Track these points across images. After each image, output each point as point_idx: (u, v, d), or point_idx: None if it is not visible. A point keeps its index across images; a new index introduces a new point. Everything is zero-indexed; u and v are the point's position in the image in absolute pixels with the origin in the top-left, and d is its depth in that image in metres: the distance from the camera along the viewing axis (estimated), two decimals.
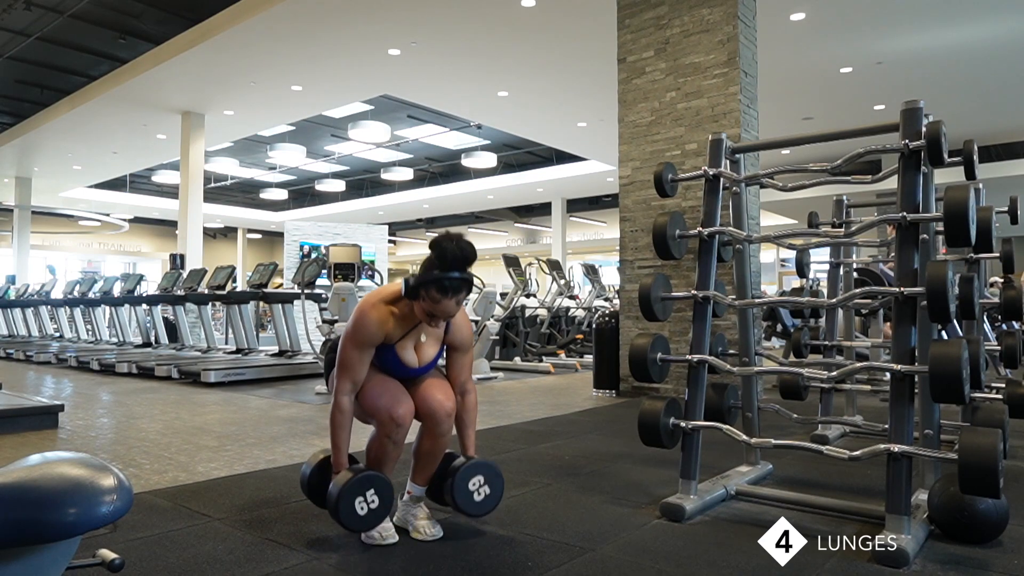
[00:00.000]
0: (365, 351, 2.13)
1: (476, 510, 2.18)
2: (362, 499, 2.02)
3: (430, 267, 2.03)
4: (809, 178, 2.77)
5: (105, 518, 0.84)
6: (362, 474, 2.06)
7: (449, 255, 2.01)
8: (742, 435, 2.49)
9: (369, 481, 2.05)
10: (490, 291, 7.39)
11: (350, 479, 2.03)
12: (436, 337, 2.23)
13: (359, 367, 2.13)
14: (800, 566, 1.94)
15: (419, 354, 2.21)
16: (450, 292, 2.01)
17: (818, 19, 7.72)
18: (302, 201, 22.81)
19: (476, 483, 2.17)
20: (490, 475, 2.20)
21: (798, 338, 3.86)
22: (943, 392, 1.99)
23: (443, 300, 2.02)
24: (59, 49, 10.65)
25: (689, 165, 5.53)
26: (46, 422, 4.14)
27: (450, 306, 2.04)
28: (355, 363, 2.12)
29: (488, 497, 2.19)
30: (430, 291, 2.01)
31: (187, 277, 8.88)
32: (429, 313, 2.06)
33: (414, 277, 2.05)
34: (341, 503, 2.00)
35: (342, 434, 2.13)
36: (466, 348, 2.29)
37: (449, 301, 2.03)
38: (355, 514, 2.02)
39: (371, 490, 2.04)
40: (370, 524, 2.05)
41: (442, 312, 2.05)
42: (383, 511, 2.07)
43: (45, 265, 20.04)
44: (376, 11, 7.80)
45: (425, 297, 2.03)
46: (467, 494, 2.15)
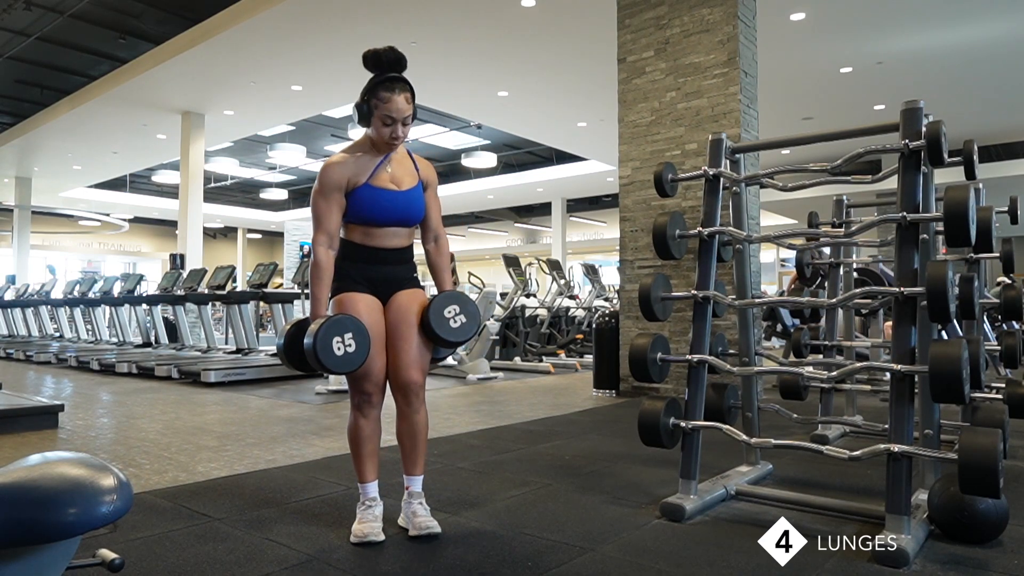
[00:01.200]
0: (332, 196, 2.17)
1: (456, 336, 2.19)
2: (339, 339, 2.03)
3: (370, 81, 2.14)
4: (809, 178, 2.77)
5: (105, 518, 0.84)
6: (340, 316, 2.08)
7: (384, 57, 2.13)
8: (742, 435, 2.49)
9: (346, 323, 2.06)
10: (490, 291, 7.39)
11: (328, 318, 2.05)
12: (409, 172, 2.27)
13: (329, 215, 2.18)
14: (800, 566, 1.94)
15: (396, 183, 2.24)
16: (396, 88, 2.11)
17: (818, 19, 7.72)
18: (302, 201, 22.80)
19: (452, 311, 2.19)
20: (464, 304, 2.22)
21: (798, 338, 3.87)
22: (943, 392, 1.99)
23: (392, 97, 2.10)
24: (59, 49, 10.65)
25: (689, 165, 5.53)
26: (46, 422, 4.14)
27: (400, 102, 2.12)
28: (325, 211, 2.18)
29: (465, 324, 2.20)
30: (378, 94, 2.11)
31: (187, 277, 8.88)
32: (385, 120, 2.12)
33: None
34: (319, 341, 2.00)
35: (321, 287, 2.17)
36: (435, 187, 2.37)
37: (398, 97, 2.11)
38: (332, 353, 2.01)
39: (348, 333, 2.04)
40: (348, 364, 2.04)
41: (395, 110, 2.12)
42: (361, 353, 2.05)
43: (45, 265, 20.05)
44: (376, 11, 7.80)
45: (376, 104, 2.11)
46: (444, 319, 2.18)
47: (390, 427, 2.48)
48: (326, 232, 2.18)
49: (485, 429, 4.11)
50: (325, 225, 2.18)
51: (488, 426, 4.21)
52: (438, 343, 2.23)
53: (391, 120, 2.12)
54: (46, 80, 12.02)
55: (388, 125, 2.13)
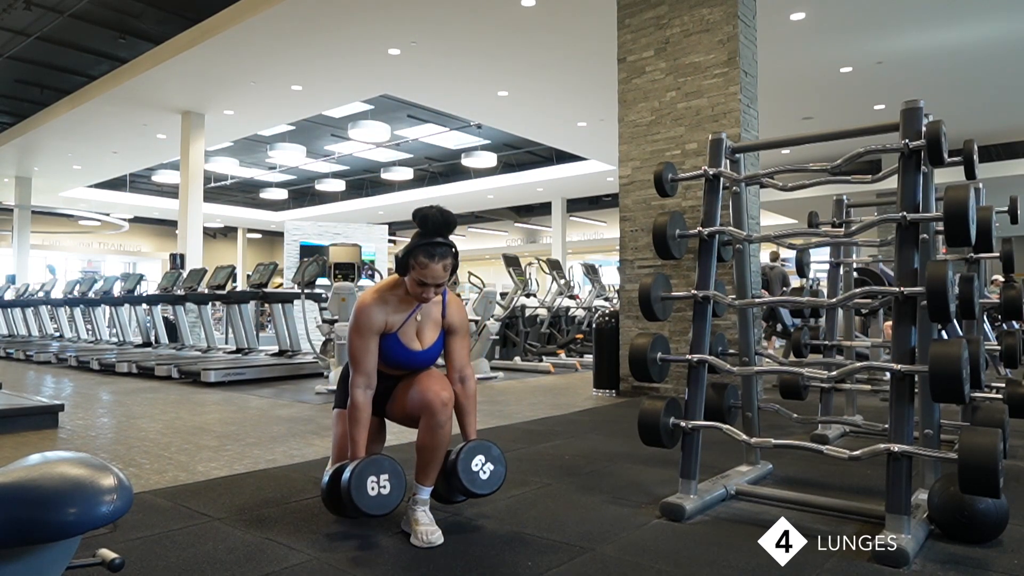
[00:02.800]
0: (370, 339, 2.22)
1: (484, 488, 2.21)
2: (374, 479, 2.05)
3: (415, 238, 2.17)
4: (809, 178, 2.77)
5: (105, 518, 0.84)
6: (376, 456, 2.11)
7: (431, 221, 2.14)
8: (742, 435, 2.49)
9: (382, 464, 2.08)
10: (490, 291, 7.39)
11: (363, 459, 2.08)
12: (434, 321, 2.32)
13: (367, 356, 2.22)
14: (800, 566, 1.94)
15: (421, 338, 2.29)
16: (436, 256, 2.13)
17: (818, 19, 7.72)
18: (302, 201, 22.82)
19: (479, 462, 2.20)
20: (490, 454, 2.23)
21: (798, 338, 3.86)
22: (943, 392, 1.99)
23: (430, 264, 2.13)
24: (59, 49, 10.65)
25: (689, 165, 5.53)
26: (46, 422, 4.14)
27: (437, 270, 2.14)
28: (363, 353, 2.22)
29: (494, 474, 2.22)
30: (417, 258, 2.13)
31: (187, 277, 8.88)
32: (419, 282, 2.16)
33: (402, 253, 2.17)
34: (353, 481, 2.03)
35: (360, 431, 2.20)
36: (463, 331, 2.38)
37: (436, 265, 2.14)
38: (366, 493, 2.03)
39: (385, 474, 2.07)
40: (381, 507, 2.06)
41: (431, 277, 2.14)
42: (395, 497, 2.08)
43: (45, 265, 20.04)
44: (376, 11, 7.80)
45: (414, 265, 2.15)
46: (472, 474, 2.18)
47: (392, 427, 2.48)
48: (364, 373, 2.22)
49: (485, 429, 4.11)
50: (363, 366, 2.22)
51: (488, 426, 4.21)
52: (466, 495, 2.25)
53: (424, 284, 2.16)
54: (46, 80, 12.02)
55: (421, 286, 2.17)
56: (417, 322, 2.29)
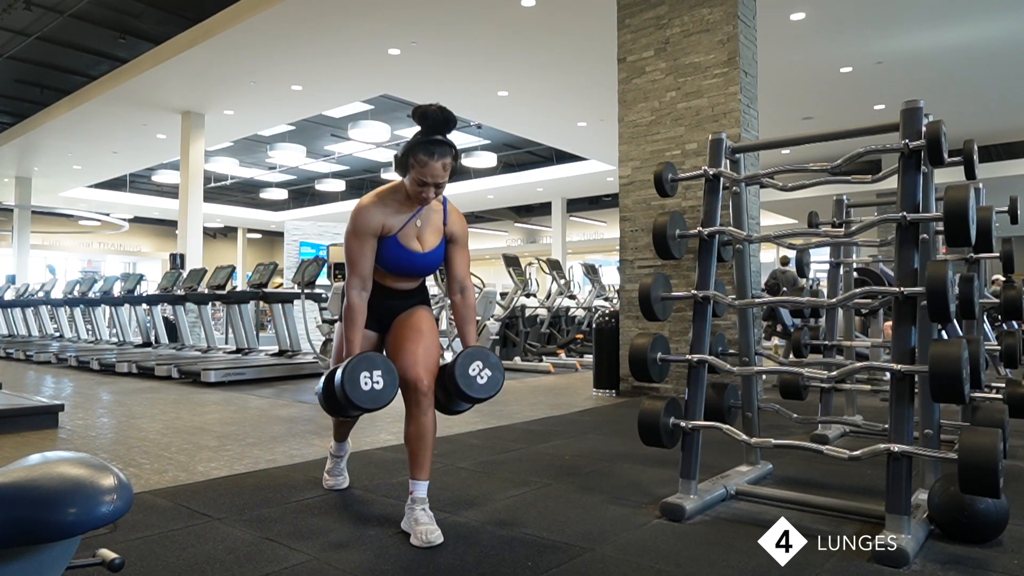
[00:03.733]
0: (366, 240, 2.21)
1: (482, 392, 2.19)
2: (367, 374, 2.05)
3: (415, 136, 2.13)
4: (809, 178, 2.77)
5: (105, 518, 0.84)
6: (371, 353, 2.11)
7: (431, 117, 2.10)
8: (742, 435, 2.49)
9: (374, 360, 2.09)
10: (490, 291, 7.39)
11: (357, 355, 2.09)
12: (435, 227, 2.31)
13: (363, 258, 2.21)
14: (800, 566, 1.94)
15: (421, 242, 2.28)
16: (435, 154, 2.10)
17: (818, 19, 7.72)
18: (302, 201, 22.81)
19: (476, 368, 2.19)
20: (488, 360, 2.22)
21: (798, 338, 3.86)
22: (943, 392, 1.99)
23: (429, 162, 2.09)
24: (59, 49, 10.65)
25: (689, 165, 5.53)
26: (46, 422, 4.13)
27: (436, 168, 2.11)
28: (358, 254, 2.21)
29: (491, 380, 2.20)
30: (417, 155, 2.10)
31: (187, 277, 8.88)
32: (419, 181, 2.13)
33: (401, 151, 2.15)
34: (347, 375, 2.03)
35: (355, 331, 2.22)
36: (464, 241, 2.38)
37: (435, 163, 2.10)
38: (359, 387, 2.03)
39: (378, 370, 2.07)
40: (373, 401, 2.06)
41: (430, 175, 2.11)
42: (388, 392, 2.08)
43: (45, 265, 20.04)
44: (376, 11, 7.80)
45: (413, 164, 2.11)
46: (470, 378, 2.18)
47: (393, 427, 2.48)
48: (359, 275, 2.22)
49: (485, 429, 4.11)
50: (359, 268, 2.22)
51: (488, 426, 4.21)
52: (465, 400, 2.25)
53: (424, 183, 2.14)
54: (46, 80, 12.02)
55: (421, 186, 2.14)
56: (417, 227, 2.27)
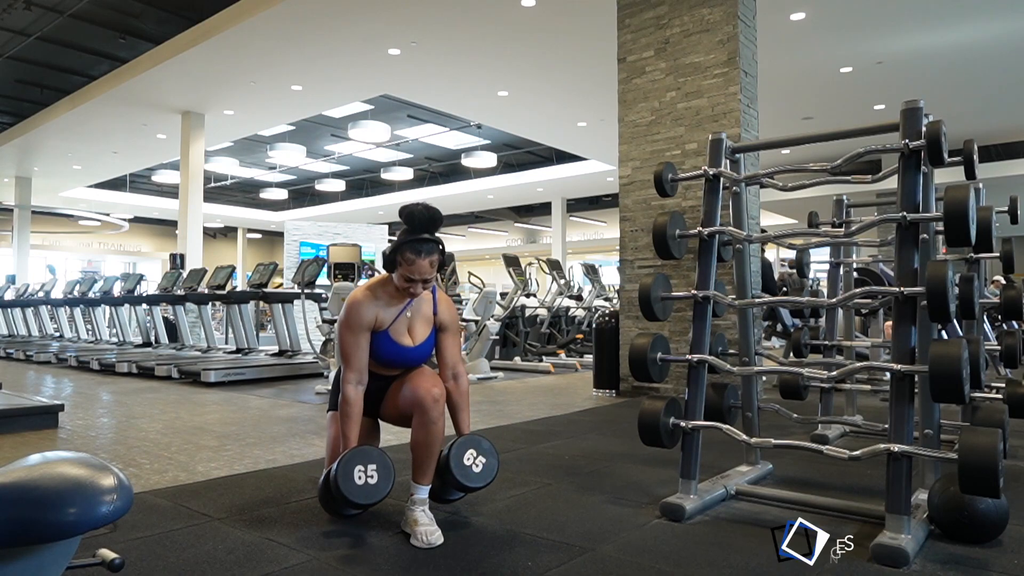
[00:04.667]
0: (360, 335, 2.24)
1: (477, 481, 2.21)
2: (361, 468, 2.07)
3: (402, 234, 2.20)
4: (809, 178, 2.77)
5: (105, 518, 0.84)
6: (365, 447, 2.14)
7: (417, 217, 2.18)
8: (742, 435, 2.49)
9: (370, 455, 2.11)
10: (490, 291, 7.39)
11: (353, 450, 2.11)
12: (425, 318, 2.34)
13: (358, 352, 2.24)
14: (800, 566, 1.94)
15: (412, 335, 2.32)
16: (422, 253, 2.16)
17: (818, 19, 7.72)
18: (302, 201, 22.81)
19: (470, 456, 2.21)
20: (481, 447, 2.24)
21: (798, 338, 3.86)
22: (943, 392, 1.99)
23: (416, 260, 2.15)
24: (59, 49, 10.65)
25: (689, 165, 5.53)
26: (46, 422, 4.14)
27: (423, 266, 2.16)
28: (354, 348, 2.24)
29: (486, 467, 2.22)
30: (404, 254, 2.16)
31: (187, 277, 8.87)
32: (407, 278, 2.18)
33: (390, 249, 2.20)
34: (340, 470, 2.05)
35: (351, 425, 2.22)
36: (454, 329, 2.41)
37: (422, 261, 2.16)
38: (353, 482, 2.05)
39: (372, 464, 2.09)
40: (367, 496, 2.08)
41: (417, 273, 2.16)
42: (382, 487, 2.10)
43: (45, 265, 20.04)
44: (376, 11, 7.79)
45: (401, 262, 2.18)
46: (465, 468, 2.19)
47: (392, 427, 2.48)
48: (356, 370, 2.25)
49: (485, 429, 4.11)
50: (354, 363, 2.25)
51: (488, 426, 4.21)
52: (460, 489, 2.27)
53: (411, 280, 2.18)
54: (46, 80, 12.01)
55: (408, 282, 2.19)
56: (408, 319, 2.31)
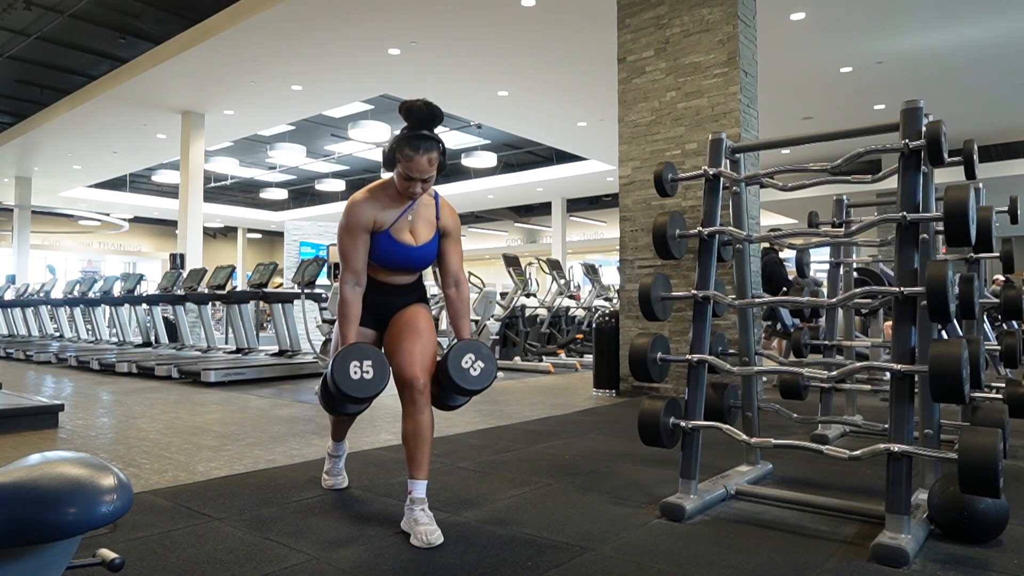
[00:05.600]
0: (358, 236, 2.24)
1: (476, 384, 2.21)
2: (357, 364, 2.08)
3: (401, 131, 2.17)
4: (809, 178, 2.77)
5: (105, 518, 0.84)
6: (361, 344, 2.15)
7: (416, 113, 2.14)
8: (742, 435, 2.49)
9: (365, 351, 2.11)
10: (490, 291, 7.39)
11: (348, 346, 2.12)
12: (428, 221, 2.34)
13: (356, 253, 2.24)
14: (800, 566, 1.94)
15: (414, 236, 2.31)
16: (420, 149, 2.12)
17: (818, 19, 7.72)
18: (302, 201, 22.82)
19: (468, 360, 2.21)
20: (480, 352, 2.24)
21: (798, 338, 3.86)
22: (943, 392, 1.99)
23: (415, 157, 2.12)
24: (59, 49, 10.65)
25: (689, 165, 5.53)
26: (46, 422, 4.14)
27: (422, 163, 2.14)
28: (351, 249, 2.24)
29: (484, 371, 2.22)
30: (403, 150, 2.13)
31: (187, 277, 8.88)
32: (406, 176, 2.16)
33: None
34: (336, 364, 2.06)
35: (348, 326, 2.24)
36: (456, 235, 2.42)
37: (421, 158, 2.13)
38: (348, 376, 2.06)
39: (368, 360, 2.10)
40: (361, 390, 2.08)
41: (416, 170, 2.14)
42: (377, 383, 2.10)
43: (45, 265, 20.05)
44: (376, 11, 7.80)
45: (399, 159, 2.14)
46: (463, 371, 2.19)
47: (392, 427, 2.48)
48: (353, 270, 2.25)
49: (485, 429, 4.11)
50: (352, 263, 2.25)
51: (488, 426, 4.21)
52: (460, 392, 2.26)
53: (411, 178, 2.16)
54: (46, 80, 12.02)
55: (407, 180, 2.18)
56: (409, 221, 2.30)
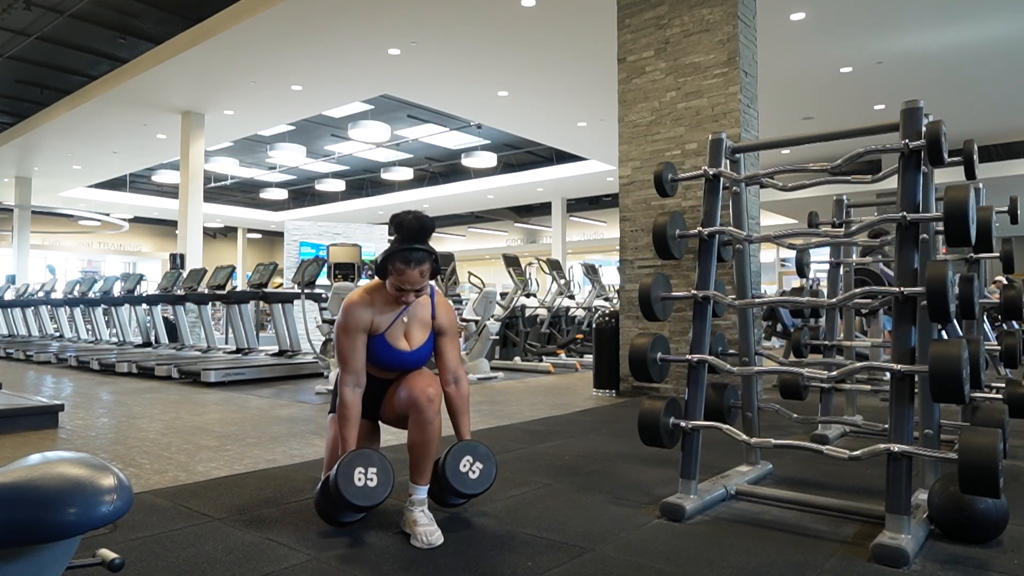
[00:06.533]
0: (357, 337, 2.24)
1: (475, 488, 2.21)
2: (361, 471, 2.06)
3: (394, 242, 2.20)
4: (809, 178, 2.77)
5: (105, 518, 0.84)
6: (365, 449, 2.13)
7: (406, 227, 2.17)
8: (742, 435, 2.49)
9: (371, 457, 2.10)
10: (490, 291, 7.39)
11: (353, 452, 2.11)
12: (423, 322, 2.34)
13: (355, 354, 2.24)
14: (800, 566, 1.94)
15: (409, 339, 2.32)
16: (412, 262, 2.16)
17: (818, 19, 7.72)
18: (302, 201, 22.82)
19: (467, 463, 2.21)
20: (477, 453, 2.24)
21: (798, 338, 3.86)
22: (943, 392, 1.99)
23: (406, 270, 2.15)
24: (59, 49, 10.65)
25: (689, 165, 5.53)
26: (46, 422, 4.14)
27: (414, 276, 2.16)
28: (350, 351, 2.24)
29: (483, 473, 2.22)
30: (395, 263, 2.16)
31: (187, 277, 8.87)
32: (398, 287, 2.18)
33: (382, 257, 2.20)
34: (341, 471, 2.04)
35: (349, 428, 2.22)
36: (452, 332, 2.41)
37: (412, 271, 2.16)
38: (352, 483, 2.05)
39: (373, 467, 2.08)
40: (366, 498, 2.07)
41: (407, 282, 2.17)
42: (381, 491, 2.08)
43: (45, 265, 20.04)
44: (376, 11, 7.80)
45: (392, 271, 2.18)
46: (461, 475, 2.19)
47: (393, 427, 2.48)
48: (353, 372, 2.25)
49: (485, 429, 4.11)
50: (351, 365, 2.25)
51: (488, 426, 4.21)
52: (457, 496, 2.27)
53: (402, 289, 2.18)
54: (46, 80, 12.02)
55: (400, 291, 2.19)
56: (404, 323, 2.31)
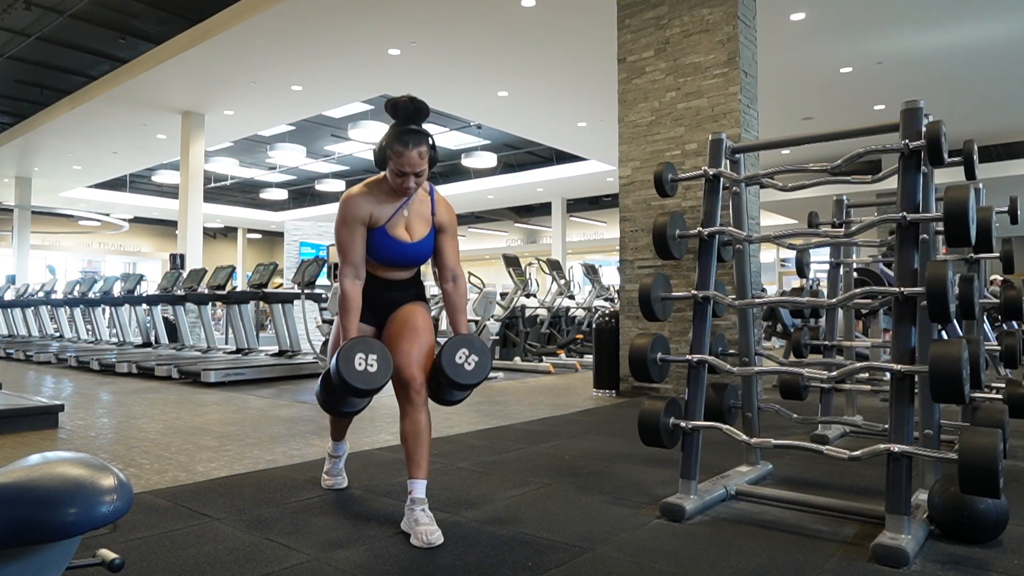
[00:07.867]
0: (355, 229, 2.25)
1: (470, 379, 2.21)
2: (362, 356, 2.08)
3: (390, 129, 2.19)
4: (809, 178, 2.77)
5: (105, 518, 0.84)
6: (368, 338, 2.15)
7: (402, 108, 2.17)
8: (742, 435, 2.49)
9: (371, 345, 2.12)
10: (490, 291, 7.39)
11: (354, 339, 2.12)
12: (423, 217, 2.34)
13: (354, 246, 2.26)
14: (800, 566, 1.94)
15: (410, 232, 2.32)
16: (410, 143, 2.14)
17: (818, 19, 7.73)
18: (302, 201, 22.82)
19: (463, 355, 2.21)
20: (473, 346, 2.24)
21: (798, 338, 3.86)
22: (943, 392, 1.99)
23: (404, 152, 2.14)
24: (59, 49, 10.65)
25: (689, 165, 5.53)
26: (46, 422, 4.14)
27: (412, 157, 2.15)
28: (349, 243, 2.26)
29: (478, 365, 2.22)
30: (392, 147, 2.15)
31: (187, 277, 8.88)
32: (398, 172, 2.18)
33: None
34: (341, 355, 2.06)
35: (350, 319, 2.25)
36: (452, 230, 2.42)
37: (411, 152, 2.14)
38: (353, 367, 2.06)
39: (373, 354, 2.10)
40: (366, 382, 2.07)
41: (407, 164, 2.16)
42: (381, 376, 2.10)
43: (45, 265, 20.04)
44: (376, 11, 7.80)
45: (390, 156, 2.16)
46: (457, 366, 2.20)
47: (392, 427, 2.48)
48: (352, 263, 2.26)
49: (485, 429, 4.11)
50: (350, 256, 2.26)
51: (488, 426, 4.21)
52: (455, 388, 2.26)
53: (403, 173, 2.17)
54: (46, 80, 12.02)
55: (400, 176, 2.18)
56: (405, 217, 2.31)
